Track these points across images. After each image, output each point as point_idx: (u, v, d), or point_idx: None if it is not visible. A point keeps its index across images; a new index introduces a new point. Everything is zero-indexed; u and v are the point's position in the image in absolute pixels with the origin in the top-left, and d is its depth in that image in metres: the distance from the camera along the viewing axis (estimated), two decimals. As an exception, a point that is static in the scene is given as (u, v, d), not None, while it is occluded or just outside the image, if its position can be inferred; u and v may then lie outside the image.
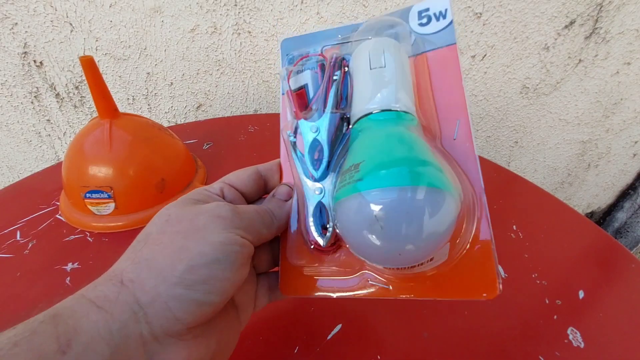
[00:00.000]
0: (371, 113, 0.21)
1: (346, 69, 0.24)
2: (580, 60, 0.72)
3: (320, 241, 0.22)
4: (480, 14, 0.65)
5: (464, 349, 0.30)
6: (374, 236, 0.18)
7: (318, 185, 0.23)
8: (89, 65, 0.36)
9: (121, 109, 0.41)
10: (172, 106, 0.74)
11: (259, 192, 0.26)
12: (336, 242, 0.23)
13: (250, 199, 0.25)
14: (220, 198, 0.23)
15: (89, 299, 0.17)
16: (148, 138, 0.42)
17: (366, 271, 0.22)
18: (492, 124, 0.80)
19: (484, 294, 0.20)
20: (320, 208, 0.23)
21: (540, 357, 0.30)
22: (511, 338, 0.31)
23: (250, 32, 0.66)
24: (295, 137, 0.24)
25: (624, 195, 0.97)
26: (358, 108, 0.22)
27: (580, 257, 0.40)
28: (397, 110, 0.21)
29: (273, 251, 0.25)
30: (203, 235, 0.19)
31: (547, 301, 0.35)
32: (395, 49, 0.23)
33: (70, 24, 0.62)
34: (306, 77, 0.25)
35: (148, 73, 0.69)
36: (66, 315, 0.16)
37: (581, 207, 1.00)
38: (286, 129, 0.25)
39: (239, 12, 0.63)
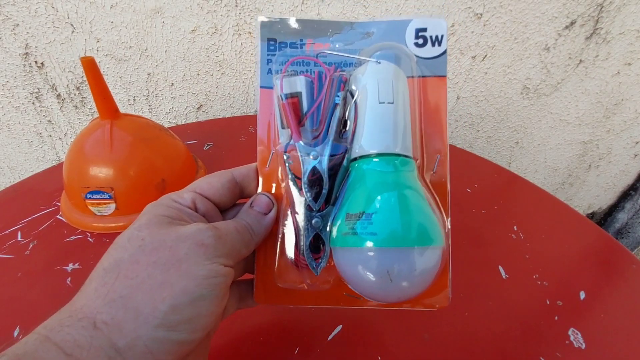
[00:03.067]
0: (378, 154, 0.21)
1: (349, 92, 0.23)
2: (580, 60, 0.72)
3: (315, 271, 0.23)
4: (481, 14, 0.65)
5: (464, 350, 0.30)
6: (380, 285, 0.20)
7: (315, 217, 0.22)
8: (90, 66, 0.36)
9: (122, 109, 0.41)
10: (172, 107, 0.74)
11: (234, 200, 0.24)
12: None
13: (223, 208, 0.23)
14: (194, 212, 0.21)
15: (55, 343, 0.15)
16: (149, 139, 0.42)
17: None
18: (493, 124, 0.80)
19: (437, 305, 0.23)
20: (313, 237, 0.22)
21: (541, 358, 0.30)
22: (512, 339, 0.31)
23: (250, 33, 0.66)
24: (290, 159, 0.23)
25: (625, 195, 0.97)
26: (364, 145, 0.21)
27: (581, 258, 0.40)
28: (404, 157, 0.21)
29: (244, 260, 0.24)
30: (186, 269, 0.17)
31: (548, 302, 0.35)
32: (403, 82, 0.22)
33: (72, 25, 0.63)
34: (300, 84, 0.23)
35: (149, 74, 0.69)
36: None
37: (582, 208, 1.00)
38: (277, 145, 0.23)
39: (240, 13, 0.63)
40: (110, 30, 0.63)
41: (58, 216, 0.43)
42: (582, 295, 0.36)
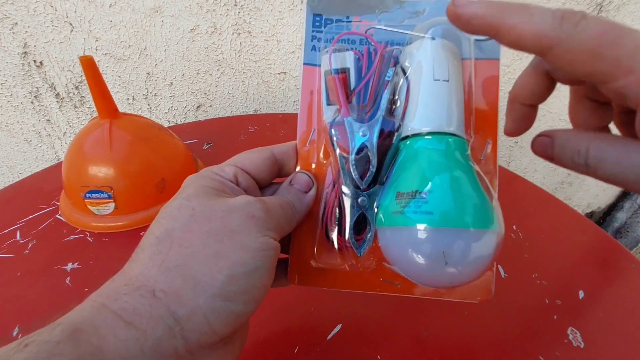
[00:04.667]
0: (431, 133, 0.20)
1: (401, 69, 0.22)
2: (580, 60, 0.72)
3: (357, 251, 0.22)
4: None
5: (464, 349, 0.30)
6: (434, 267, 0.18)
7: (361, 195, 0.21)
8: (89, 65, 0.36)
9: (121, 109, 0.41)
10: (172, 106, 0.74)
11: (272, 177, 0.23)
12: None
13: (262, 185, 0.23)
14: (236, 186, 0.21)
15: (113, 311, 0.15)
16: (148, 138, 0.42)
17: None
18: (492, 124, 0.80)
19: (478, 297, 0.22)
20: (359, 217, 0.22)
21: (540, 357, 0.30)
22: (511, 338, 0.31)
23: (250, 32, 0.66)
24: (338, 134, 0.22)
25: (624, 195, 0.97)
26: (417, 123, 0.21)
27: (580, 257, 0.40)
28: (458, 136, 0.20)
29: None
30: (240, 240, 0.17)
31: (547, 301, 0.35)
32: (458, 59, 0.21)
33: (70, 24, 0.62)
34: (348, 59, 0.22)
35: (148, 73, 0.69)
36: (88, 331, 0.14)
37: (581, 207, 1.00)
38: (324, 120, 0.23)
39: (239, 12, 0.63)
40: (110, 29, 0.63)
41: (57, 216, 0.43)
42: (581, 294, 0.36)
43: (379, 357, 0.29)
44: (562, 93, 0.22)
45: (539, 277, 0.37)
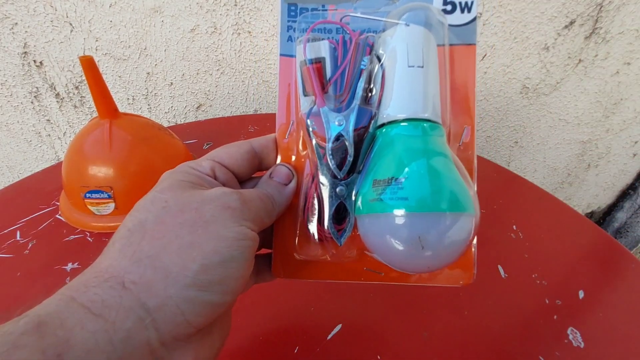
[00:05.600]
0: (407, 119, 0.20)
1: (376, 57, 0.22)
2: (580, 60, 0.72)
3: (337, 241, 0.22)
4: (480, 13, 0.65)
5: (463, 349, 0.30)
6: (411, 252, 0.19)
7: (339, 185, 0.21)
8: (89, 65, 0.36)
9: (121, 109, 0.41)
10: (172, 106, 0.74)
11: (252, 171, 0.23)
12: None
13: (241, 179, 0.23)
14: (213, 180, 0.21)
15: (81, 303, 0.15)
16: (148, 138, 0.42)
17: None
18: (492, 124, 0.80)
19: (461, 282, 0.22)
20: (339, 207, 0.21)
21: (540, 357, 0.30)
22: (511, 338, 0.31)
23: (250, 32, 0.66)
24: (314, 124, 0.22)
25: (624, 195, 0.97)
26: (392, 110, 0.21)
27: (580, 257, 0.40)
28: (433, 122, 0.20)
29: (262, 233, 0.23)
30: (214, 230, 0.17)
31: (547, 301, 0.35)
32: (433, 45, 0.21)
33: (70, 24, 0.62)
34: (323, 49, 0.22)
35: (148, 73, 0.69)
36: (54, 324, 0.14)
37: (581, 207, 1.00)
38: (300, 111, 0.22)
39: (239, 12, 0.63)
40: (109, 29, 0.63)
41: (57, 216, 0.43)
42: (581, 294, 0.36)
43: (379, 357, 0.29)
44: (561, 93, 0.22)
45: (539, 277, 0.37)
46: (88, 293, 0.15)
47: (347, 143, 0.21)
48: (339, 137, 0.21)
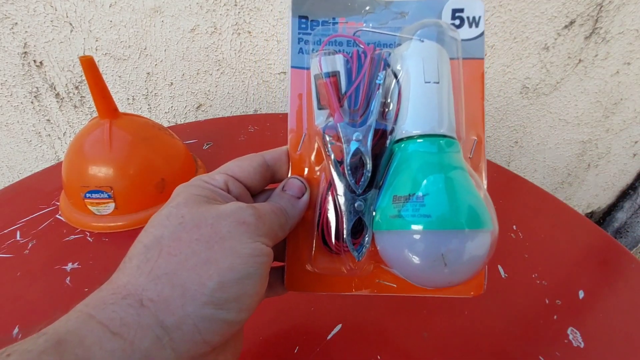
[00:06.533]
0: (423, 135, 0.20)
1: (391, 72, 0.22)
2: (580, 60, 0.72)
3: (355, 255, 0.22)
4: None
5: (463, 349, 0.30)
6: (434, 269, 0.19)
7: (357, 200, 0.21)
8: (89, 65, 0.36)
9: (121, 109, 0.41)
10: (172, 106, 0.74)
11: (265, 184, 0.23)
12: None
13: (254, 192, 0.23)
14: (227, 194, 0.21)
15: (100, 321, 0.15)
16: (148, 138, 0.42)
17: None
18: (492, 124, 0.80)
19: (472, 292, 0.23)
20: (355, 221, 0.21)
21: (540, 357, 0.30)
22: (511, 338, 0.31)
23: (250, 32, 0.66)
24: (332, 139, 0.22)
25: (624, 195, 0.97)
26: (409, 125, 0.21)
27: (580, 257, 0.41)
28: (450, 138, 0.21)
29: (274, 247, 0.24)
30: (230, 246, 0.17)
31: (547, 301, 0.35)
32: (446, 60, 0.22)
33: (70, 24, 0.62)
34: (338, 63, 0.22)
35: (148, 73, 0.69)
36: (73, 342, 0.14)
37: (581, 207, 1.00)
38: (316, 125, 0.22)
39: (239, 12, 0.63)
40: (109, 29, 0.63)
41: (57, 216, 0.43)
42: (581, 294, 0.36)
43: (379, 357, 0.29)
44: (561, 93, 0.22)
45: (539, 277, 0.37)
46: (106, 310, 0.15)
47: (364, 158, 0.21)
48: (356, 153, 0.21)
